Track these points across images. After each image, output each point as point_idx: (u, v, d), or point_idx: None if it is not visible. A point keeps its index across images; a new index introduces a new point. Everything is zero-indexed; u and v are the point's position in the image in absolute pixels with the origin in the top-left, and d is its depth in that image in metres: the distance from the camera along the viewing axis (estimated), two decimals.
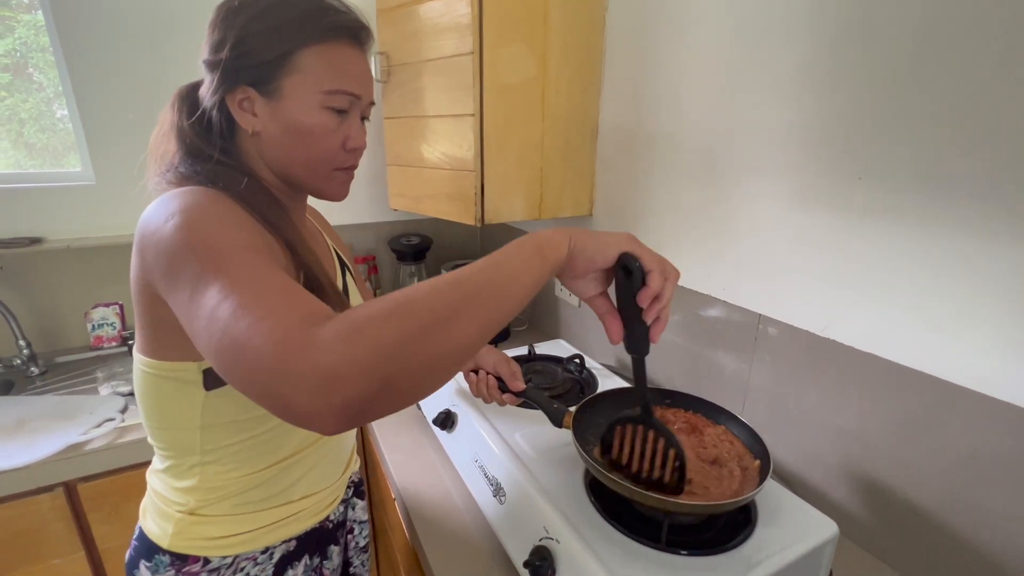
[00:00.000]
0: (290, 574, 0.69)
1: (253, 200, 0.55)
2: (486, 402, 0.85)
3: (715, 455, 0.68)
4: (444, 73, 1.07)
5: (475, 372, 0.85)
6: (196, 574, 0.63)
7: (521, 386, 0.81)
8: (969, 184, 0.61)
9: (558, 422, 0.74)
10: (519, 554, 0.69)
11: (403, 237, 1.72)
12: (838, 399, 0.79)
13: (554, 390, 0.98)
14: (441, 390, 0.97)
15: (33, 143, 1.40)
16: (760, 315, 0.89)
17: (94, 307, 1.40)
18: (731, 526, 0.64)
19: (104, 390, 1.21)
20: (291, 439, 0.65)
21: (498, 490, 0.77)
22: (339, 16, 0.58)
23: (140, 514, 0.68)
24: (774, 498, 0.68)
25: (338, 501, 0.77)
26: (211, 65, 0.57)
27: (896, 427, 0.72)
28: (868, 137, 0.70)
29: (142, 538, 0.65)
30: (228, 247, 0.44)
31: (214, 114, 0.58)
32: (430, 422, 0.99)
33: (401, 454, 0.99)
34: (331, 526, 0.76)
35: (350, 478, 0.81)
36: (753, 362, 0.92)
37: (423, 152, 1.21)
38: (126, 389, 1.21)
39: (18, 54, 1.34)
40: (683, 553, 0.59)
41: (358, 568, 0.86)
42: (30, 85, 1.37)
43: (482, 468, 0.82)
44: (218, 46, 0.56)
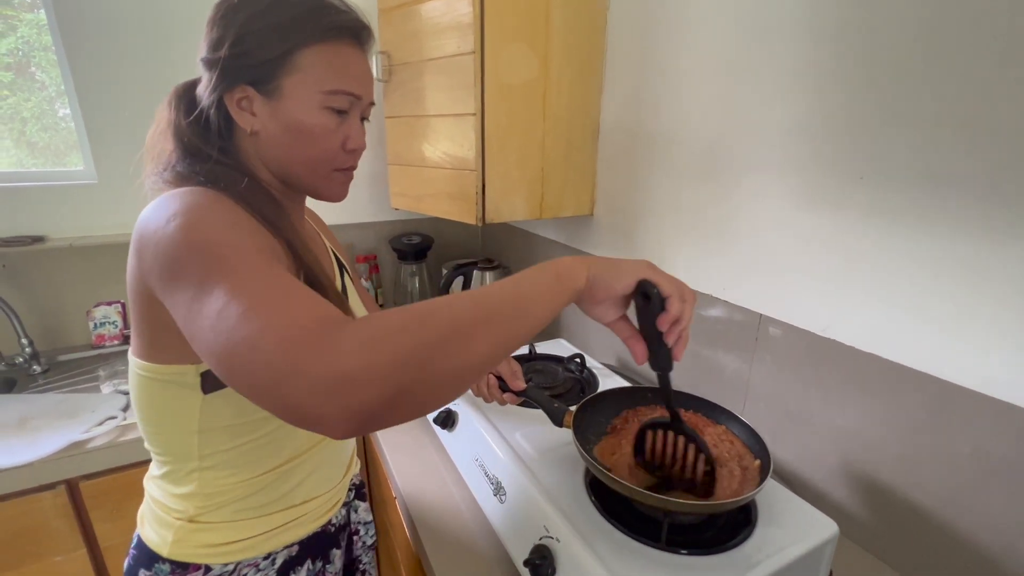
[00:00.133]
0: None
1: (253, 201, 0.55)
2: (487, 401, 0.85)
3: (715, 455, 0.68)
4: (445, 72, 1.07)
5: None
6: None
7: (522, 385, 0.81)
8: (970, 184, 0.61)
9: (559, 421, 0.74)
10: (519, 553, 0.69)
11: (404, 236, 1.73)
12: (839, 399, 0.79)
13: (555, 389, 0.98)
14: None
15: (35, 142, 1.40)
16: (761, 315, 0.89)
17: (96, 305, 1.41)
18: (731, 526, 0.64)
19: (106, 388, 1.21)
20: (291, 443, 0.64)
21: (499, 489, 0.77)
22: (340, 15, 0.57)
23: (138, 521, 0.67)
24: (774, 498, 0.68)
25: (340, 504, 0.76)
26: (209, 63, 0.56)
27: (897, 427, 0.72)
28: (869, 137, 0.70)
29: (141, 546, 0.64)
30: (233, 248, 0.44)
31: (212, 113, 0.57)
32: (431, 421, 1.00)
33: (402, 453, 0.99)
34: (333, 530, 0.75)
35: (351, 480, 0.81)
36: (754, 362, 0.92)
37: (424, 151, 1.21)
38: (128, 387, 1.20)
39: (20, 53, 1.34)
40: (683, 552, 0.59)
41: (367, 566, 0.85)
42: (32, 84, 1.38)
43: (483, 467, 0.82)
44: (217, 44, 0.55)
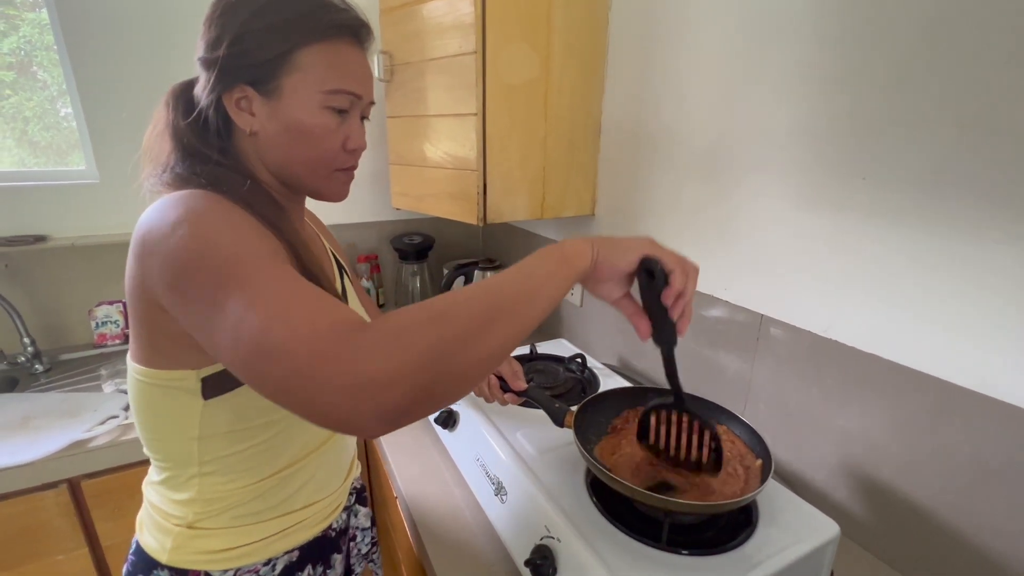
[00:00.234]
0: None
1: (255, 203, 0.54)
2: (488, 401, 0.85)
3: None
4: (447, 72, 1.07)
5: None
6: None
7: (523, 385, 0.81)
8: (972, 185, 0.61)
9: (560, 421, 0.74)
10: (520, 553, 0.69)
11: (405, 236, 1.73)
12: (840, 399, 0.79)
13: (556, 389, 0.98)
14: None
15: (37, 141, 1.40)
16: (762, 315, 0.89)
17: (98, 305, 1.41)
18: (732, 526, 0.64)
19: (108, 387, 1.21)
20: (291, 448, 0.63)
21: (500, 489, 0.77)
22: (340, 14, 0.56)
23: (136, 527, 0.66)
24: (775, 498, 0.68)
25: (340, 509, 0.75)
26: (207, 63, 0.55)
27: (898, 428, 0.72)
28: (872, 137, 0.70)
29: (139, 553, 0.63)
30: (243, 255, 0.44)
31: (210, 113, 0.56)
32: (432, 421, 1.00)
33: (403, 453, 0.99)
34: (334, 534, 0.74)
35: (352, 485, 0.80)
36: (755, 362, 0.92)
37: (426, 151, 1.21)
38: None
39: (22, 52, 1.34)
40: (684, 553, 0.59)
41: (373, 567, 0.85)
42: (34, 83, 1.38)
43: (484, 467, 0.82)
44: (215, 43, 0.54)
